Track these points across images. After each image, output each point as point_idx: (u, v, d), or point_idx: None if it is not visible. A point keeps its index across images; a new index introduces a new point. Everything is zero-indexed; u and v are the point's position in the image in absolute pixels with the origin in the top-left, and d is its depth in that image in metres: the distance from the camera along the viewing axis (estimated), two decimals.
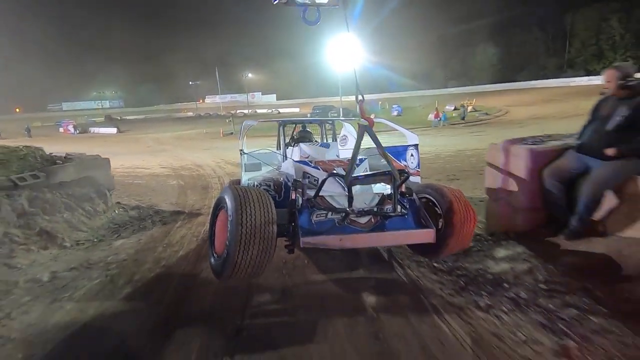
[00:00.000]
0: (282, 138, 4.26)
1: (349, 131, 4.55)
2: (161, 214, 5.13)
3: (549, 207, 2.81)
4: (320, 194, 2.38)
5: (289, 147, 3.90)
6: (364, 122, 2.32)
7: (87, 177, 4.91)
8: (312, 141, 4.13)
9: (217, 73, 66.40)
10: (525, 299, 2.11)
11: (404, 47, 66.44)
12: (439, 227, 2.38)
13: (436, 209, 2.46)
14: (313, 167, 2.74)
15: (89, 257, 3.42)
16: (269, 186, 2.79)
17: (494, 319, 1.98)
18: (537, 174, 2.80)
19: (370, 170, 2.99)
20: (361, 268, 2.89)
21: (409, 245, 2.86)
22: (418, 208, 2.41)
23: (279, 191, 2.72)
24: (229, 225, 1.94)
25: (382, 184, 2.77)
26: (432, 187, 2.58)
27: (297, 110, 55.13)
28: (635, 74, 2.46)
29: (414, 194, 2.49)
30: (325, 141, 4.49)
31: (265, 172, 3.64)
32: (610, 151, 2.41)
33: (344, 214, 2.22)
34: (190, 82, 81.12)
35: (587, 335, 1.75)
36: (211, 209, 2.37)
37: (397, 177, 2.27)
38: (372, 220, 2.30)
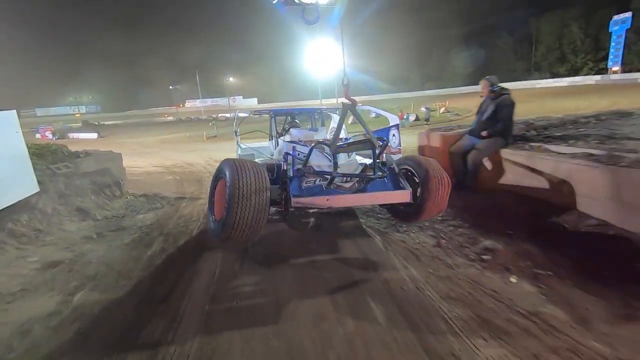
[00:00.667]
0: (274, 129, 4.54)
1: (335, 121, 4.82)
2: (167, 199, 6.14)
3: (454, 173, 4.08)
4: (309, 165, 2.66)
5: (281, 137, 4.14)
6: (347, 101, 2.62)
7: (104, 169, 5.91)
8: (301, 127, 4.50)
9: (197, 77, 66.73)
10: (426, 226, 3.35)
11: (382, 51, 68.73)
12: (417, 194, 2.72)
13: (415, 178, 2.78)
14: (302, 144, 2.98)
15: (121, 224, 4.46)
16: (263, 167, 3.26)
17: (405, 235, 3.21)
18: (447, 150, 4.07)
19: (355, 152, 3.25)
20: (336, 218, 4.07)
21: (391, 212, 3.35)
22: (396, 174, 2.74)
23: (272, 170, 2.97)
24: (227, 190, 2.15)
25: (364, 157, 3.10)
26: (410, 158, 2.93)
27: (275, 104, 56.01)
28: (499, 83, 3.76)
29: (393, 163, 2.81)
30: (311, 126, 4.80)
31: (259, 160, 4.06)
32: (484, 133, 3.71)
33: (329, 177, 2.49)
34: (170, 87, 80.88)
35: (452, 236, 3.00)
36: (211, 181, 2.66)
37: (375, 143, 2.55)
38: (356, 184, 2.62)
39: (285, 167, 2.57)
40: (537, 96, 38.97)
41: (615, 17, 40.69)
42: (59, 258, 3.30)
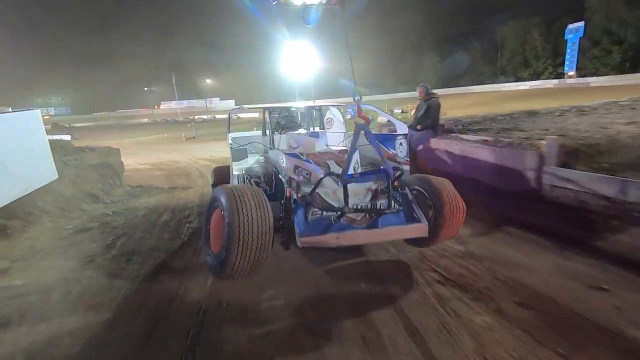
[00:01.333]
0: (268, 124, 4.07)
1: (333, 114, 4.47)
2: (161, 188, 7.01)
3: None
4: (314, 181, 2.41)
5: (276, 134, 3.79)
6: (360, 120, 2.37)
7: (105, 162, 6.72)
8: (298, 127, 4.11)
9: (173, 78, 66.29)
10: None
11: (357, 54, 70.57)
12: (429, 217, 2.43)
13: (426, 200, 2.51)
14: (305, 160, 2.64)
15: (129, 205, 5.34)
16: (259, 178, 2.86)
17: None
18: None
19: (360, 162, 2.97)
20: None
21: None
22: (410, 202, 2.45)
23: (270, 183, 2.79)
24: (226, 228, 1.93)
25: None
26: (422, 179, 2.63)
27: (256, 115, 56.65)
28: (431, 89, 4.97)
29: (406, 188, 2.53)
30: (311, 127, 4.44)
31: (252, 158, 3.73)
32: (418, 127, 4.90)
33: (340, 212, 2.23)
34: (145, 88, 79.67)
35: None
36: (206, 208, 2.35)
37: (391, 174, 2.31)
38: (367, 216, 2.33)
39: (289, 194, 2.31)
40: (499, 99, 41.65)
41: (570, 26, 43.91)
42: (88, 226, 4.19)
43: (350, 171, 2.38)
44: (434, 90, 4.99)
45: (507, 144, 3.87)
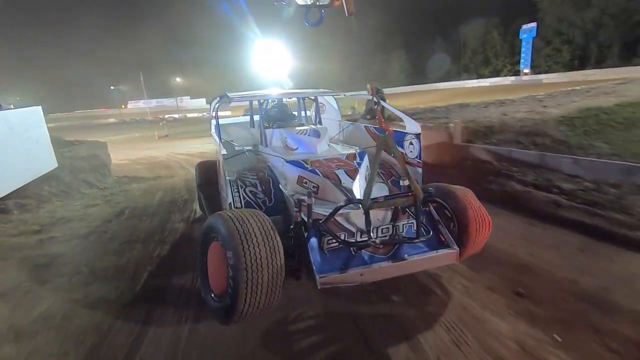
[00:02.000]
0: (260, 116, 3.47)
1: (325, 99, 4.11)
2: (146, 178, 7.77)
3: None
4: (322, 197, 2.17)
5: (268, 129, 3.31)
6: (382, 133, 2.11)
7: (94, 154, 7.41)
8: (292, 119, 3.64)
9: (141, 77, 64.81)
10: None
11: (329, 53, 71.85)
12: (451, 230, 2.21)
13: (446, 211, 2.27)
14: (310, 170, 2.37)
15: (123, 189, 6.14)
16: (255, 187, 2.53)
17: None
18: None
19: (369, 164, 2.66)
20: None
21: None
22: (436, 222, 2.21)
23: (269, 193, 2.47)
24: (230, 271, 1.68)
25: (381, 182, 2.60)
26: (443, 190, 2.34)
27: (228, 113, 56.67)
28: (380, 87, 6.10)
29: (430, 205, 2.25)
30: (304, 116, 3.98)
31: (241, 157, 3.18)
32: (368, 117, 6.02)
33: (363, 244, 1.93)
34: (112, 87, 77.27)
35: None
36: (200, 239, 2.05)
37: (420, 198, 2.03)
38: (388, 237, 2.08)
39: (299, 219, 1.95)
40: (459, 95, 44.13)
41: (524, 27, 47.07)
42: (95, 203, 5.01)
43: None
44: (402, 87, 6.06)
45: (429, 127, 5.04)
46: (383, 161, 2.73)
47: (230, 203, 2.36)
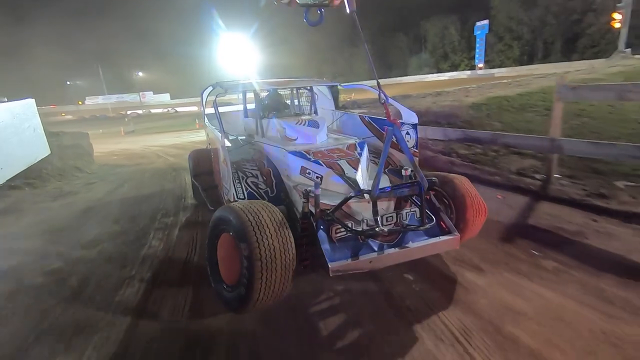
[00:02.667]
0: (256, 106, 3.46)
1: (317, 88, 4.09)
2: (127, 165, 8.51)
3: None
4: (325, 187, 2.23)
5: (264, 119, 3.29)
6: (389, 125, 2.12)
7: (78, 144, 8.07)
8: (286, 108, 3.68)
9: (100, 71, 62.27)
10: None
11: (296, 49, 72.42)
12: (449, 215, 2.31)
13: (444, 199, 2.39)
14: (314, 161, 2.42)
15: (112, 172, 6.93)
16: (256, 177, 2.58)
17: None
18: None
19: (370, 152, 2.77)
20: None
21: None
22: (437, 209, 2.27)
23: (270, 184, 2.54)
24: (245, 261, 1.76)
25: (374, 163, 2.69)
26: (442, 179, 2.43)
27: (194, 108, 56.11)
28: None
29: (431, 194, 2.31)
30: (298, 106, 3.97)
31: (244, 144, 3.23)
32: None
33: (372, 233, 1.97)
34: (68, 82, 73.58)
35: None
36: (209, 231, 2.10)
37: (424, 187, 2.09)
38: (393, 226, 2.14)
39: (307, 209, 2.03)
40: (417, 88, 46.76)
41: (478, 24, 50.09)
42: (92, 181, 5.84)
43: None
44: (367, 81, 7.20)
45: (371, 114, 6.30)
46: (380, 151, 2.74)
47: (234, 194, 2.38)
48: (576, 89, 3.61)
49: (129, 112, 52.07)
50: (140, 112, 56.97)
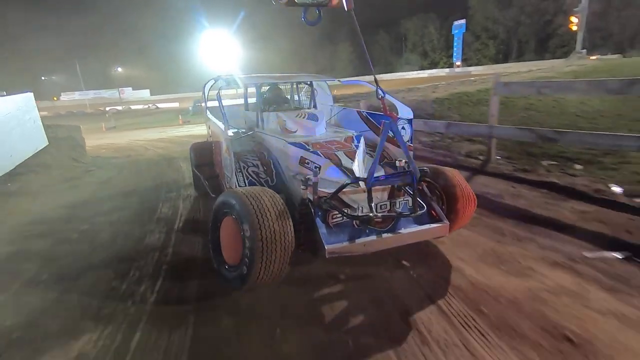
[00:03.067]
0: (257, 99, 3.65)
1: (318, 85, 4.26)
2: (118, 157, 8.90)
3: None
4: (323, 176, 2.34)
5: (265, 112, 3.43)
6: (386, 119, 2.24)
7: (71, 136, 8.47)
8: (286, 102, 3.84)
9: (77, 67, 60.73)
10: None
11: (277, 45, 72.48)
12: (441, 205, 2.44)
13: (436, 190, 2.51)
14: (313, 152, 2.53)
15: (109, 162, 7.42)
16: (257, 167, 2.68)
17: None
18: None
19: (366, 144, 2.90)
20: None
21: None
22: (429, 199, 2.42)
23: (270, 173, 2.66)
24: (247, 242, 1.89)
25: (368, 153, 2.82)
26: (435, 171, 2.58)
27: (176, 105, 55.63)
28: None
29: (423, 185, 2.43)
30: (298, 100, 4.13)
31: (247, 135, 3.29)
32: None
33: (366, 218, 2.12)
34: (43, 77, 71.35)
35: None
36: (212, 215, 2.24)
37: (417, 176, 2.23)
38: (386, 212, 2.29)
39: (306, 197, 2.14)
40: (395, 85, 48.11)
41: (455, 23, 51.63)
42: (92, 169, 6.34)
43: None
44: (348, 79, 7.80)
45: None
46: (376, 144, 2.84)
47: (235, 183, 2.52)
48: (508, 85, 4.45)
49: (107, 109, 51.16)
50: (119, 108, 55.99)
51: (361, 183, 2.23)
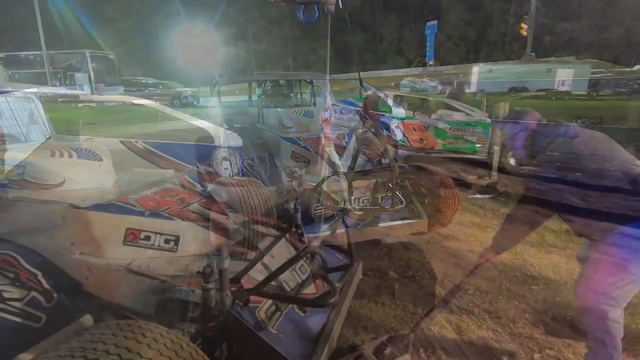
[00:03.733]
0: (258, 96, 3.77)
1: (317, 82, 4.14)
2: None
3: None
4: (311, 170, 2.43)
5: (266, 108, 3.51)
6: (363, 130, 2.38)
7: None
8: (288, 99, 3.78)
9: (45, 60, 58.13)
10: None
11: (258, 42, 71.93)
12: (425, 203, 2.51)
13: (422, 188, 2.58)
14: (303, 146, 2.64)
15: None
16: (252, 160, 2.81)
17: None
18: None
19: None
20: None
21: None
22: (410, 195, 2.49)
23: (264, 166, 2.77)
24: (230, 227, 1.93)
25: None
26: (420, 169, 2.68)
27: (152, 101, 54.14)
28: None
29: (406, 181, 2.50)
30: (299, 98, 4.05)
31: (244, 128, 3.35)
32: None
33: (345, 210, 2.20)
34: (9, 72, 67.85)
35: None
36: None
37: (397, 172, 2.29)
38: (367, 206, 2.37)
39: (291, 188, 2.21)
40: (382, 82, 49.41)
41: (428, 23, 53.50)
42: None
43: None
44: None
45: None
46: (372, 143, 2.85)
47: (230, 174, 2.59)
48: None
49: (80, 105, 49.24)
50: (93, 105, 54.08)
51: (342, 177, 2.37)
